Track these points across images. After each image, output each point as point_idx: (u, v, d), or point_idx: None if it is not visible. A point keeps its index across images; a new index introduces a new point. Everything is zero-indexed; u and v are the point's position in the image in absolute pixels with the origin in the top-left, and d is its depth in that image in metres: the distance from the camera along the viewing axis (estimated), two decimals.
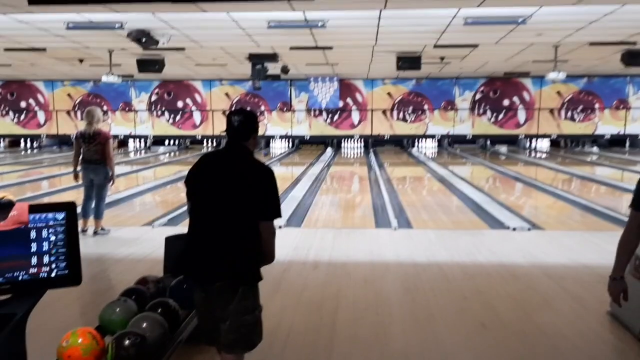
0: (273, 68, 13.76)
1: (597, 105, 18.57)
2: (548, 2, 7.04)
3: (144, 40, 9.06)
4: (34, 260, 2.14)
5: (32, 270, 2.14)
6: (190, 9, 7.26)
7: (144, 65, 12.41)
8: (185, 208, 8.45)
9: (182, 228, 6.80)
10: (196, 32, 9.48)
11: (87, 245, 5.92)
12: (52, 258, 2.17)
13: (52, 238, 2.17)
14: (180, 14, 7.91)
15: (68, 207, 2.22)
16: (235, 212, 2.42)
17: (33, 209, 2.15)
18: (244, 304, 2.43)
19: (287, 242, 6.09)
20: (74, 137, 6.54)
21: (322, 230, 6.80)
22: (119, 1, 6.65)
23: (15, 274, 2.11)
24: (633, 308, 3.63)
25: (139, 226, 7.08)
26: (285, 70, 14.20)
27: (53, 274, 2.17)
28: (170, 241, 3.62)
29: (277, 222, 6.67)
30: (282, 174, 14.62)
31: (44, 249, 2.15)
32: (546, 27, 8.83)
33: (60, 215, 2.18)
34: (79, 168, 6.45)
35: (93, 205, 6.50)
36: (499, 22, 8.25)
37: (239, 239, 2.41)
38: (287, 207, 8.37)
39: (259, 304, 2.54)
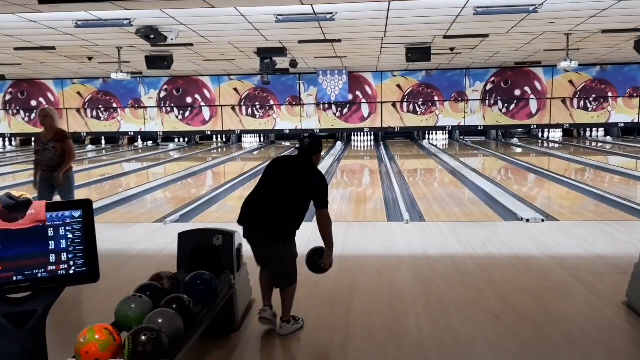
0: (282, 62, 13.74)
1: (610, 94, 18.34)
2: None
3: (152, 36, 9.09)
4: (53, 257, 2.16)
5: (51, 268, 2.16)
6: (199, 4, 7.27)
7: (153, 61, 12.45)
8: (196, 204, 8.52)
9: (194, 224, 6.86)
10: (204, 27, 9.48)
11: (100, 242, 5.96)
12: (70, 255, 2.19)
13: (70, 235, 2.19)
14: (188, 10, 7.92)
15: (85, 205, 2.23)
16: (290, 196, 3.48)
17: (50, 207, 2.17)
18: (279, 254, 3.48)
19: (299, 236, 6.09)
20: (35, 141, 5.96)
21: (334, 225, 6.74)
22: None
23: (34, 272, 2.13)
24: None
25: (151, 223, 7.13)
26: (293, 64, 14.16)
27: (71, 271, 2.19)
28: (183, 236, 3.64)
29: None
30: None
31: (62, 247, 2.17)
32: (558, 16, 8.72)
33: (77, 213, 2.20)
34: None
35: None
36: (510, 11, 8.16)
37: (286, 212, 3.47)
38: None
39: (293, 256, 3.55)
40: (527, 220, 6.60)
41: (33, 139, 21.11)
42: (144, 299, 2.80)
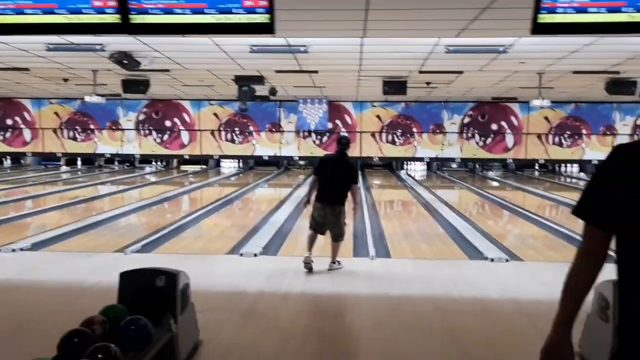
0: (261, 90, 13.73)
1: (584, 131, 18.67)
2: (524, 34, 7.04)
3: (126, 62, 9.01)
4: None
5: None
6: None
7: (129, 85, 12.36)
8: (162, 232, 8.32)
9: (155, 255, 6.70)
10: (179, 54, 9.44)
11: (56, 273, 5.77)
12: None
13: None
14: (159, 37, 7.86)
15: None
16: (340, 180, 5.96)
17: None
18: (339, 218, 6.01)
19: (261, 271, 5.98)
20: None
21: (299, 259, 6.65)
22: None
23: None
24: (602, 351, 3.53)
25: (111, 252, 6.93)
26: (273, 92, 14.17)
27: None
28: (125, 277, 3.50)
29: (252, 250, 6.50)
30: (269, 195, 14.52)
31: None
32: (528, 56, 8.85)
33: None
34: None
35: None
36: (480, 50, 8.27)
37: (341, 191, 5.97)
38: (266, 233, 8.24)
39: (344, 221, 6.08)
40: (492, 260, 6.55)
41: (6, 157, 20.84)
42: None
